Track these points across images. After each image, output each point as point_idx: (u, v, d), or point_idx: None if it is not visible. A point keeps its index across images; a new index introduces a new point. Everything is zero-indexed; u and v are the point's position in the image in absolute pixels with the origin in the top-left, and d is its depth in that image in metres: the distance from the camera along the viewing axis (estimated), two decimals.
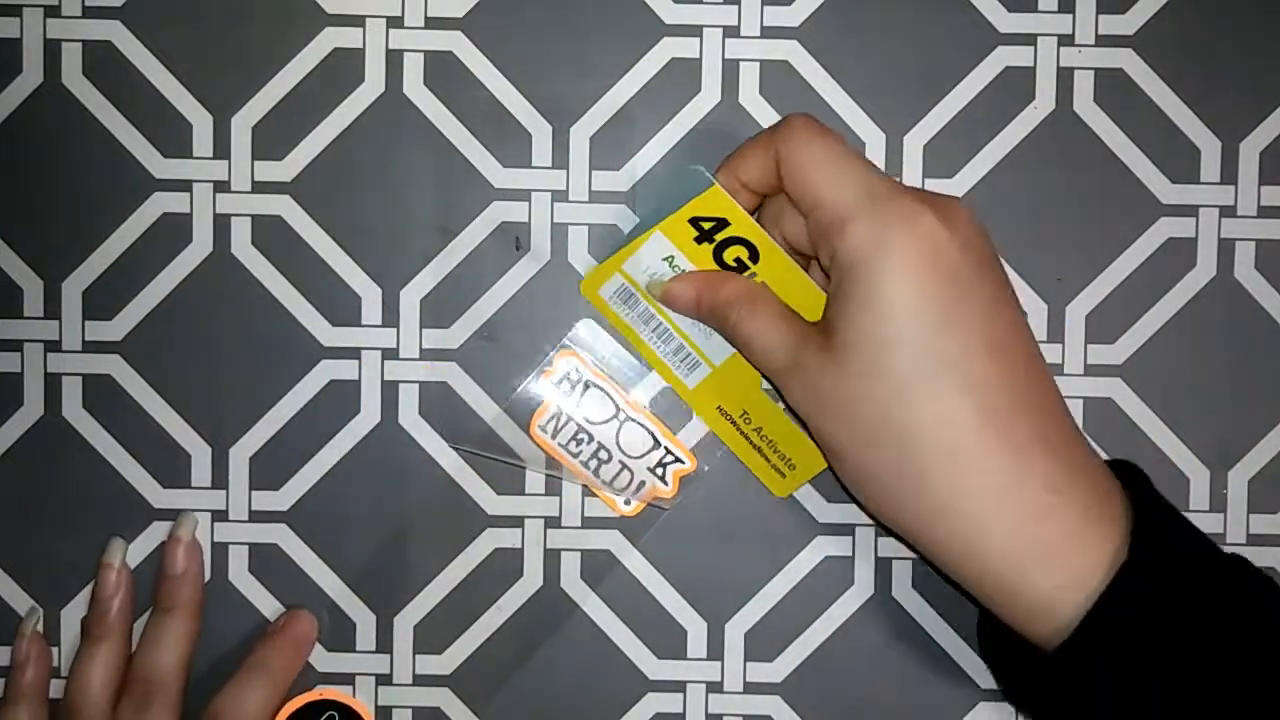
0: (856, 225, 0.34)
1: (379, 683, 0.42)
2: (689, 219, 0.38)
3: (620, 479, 0.41)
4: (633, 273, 0.40)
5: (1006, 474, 0.33)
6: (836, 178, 0.35)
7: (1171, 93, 0.42)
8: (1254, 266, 0.42)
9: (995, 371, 0.33)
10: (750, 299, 0.37)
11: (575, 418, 0.41)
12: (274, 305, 0.42)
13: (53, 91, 0.41)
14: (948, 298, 0.33)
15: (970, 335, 0.34)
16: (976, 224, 0.35)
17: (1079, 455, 0.34)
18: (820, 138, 0.36)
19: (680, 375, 0.41)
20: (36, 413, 0.42)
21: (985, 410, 0.33)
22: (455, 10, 0.41)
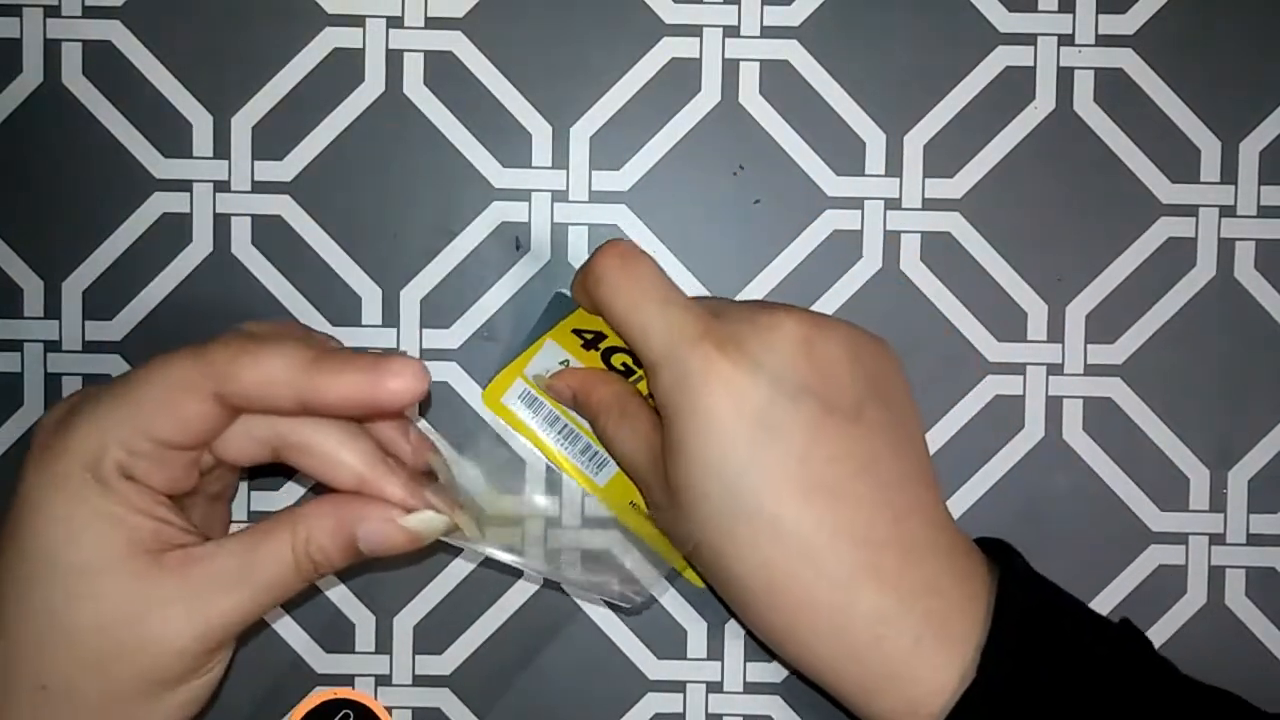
0: (661, 375, 0.34)
1: (379, 683, 0.42)
2: (571, 330, 0.39)
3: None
4: (532, 376, 0.40)
5: (830, 611, 0.33)
6: (638, 328, 0.34)
7: (1171, 93, 0.42)
8: (1254, 266, 0.42)
9: (811, 512, 0.33)
10: (620, 409, 0.37)
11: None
12: (274, 305, 0.42)
13: (53, 91, 0.41)
14: (750, 443, 0.33)
15: (777, 480, 0.33)
16: (799, 347, 0.34)
17: (927, 571, 0.34)
18: (619, 283, 0.35)
19: (589, 474, 0.40)
20: (36, 413, 0.42)
21: (801, 554, 0.33)
22: (455, 10, 0.41)
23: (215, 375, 0.31)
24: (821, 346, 0.34)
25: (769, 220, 0.42)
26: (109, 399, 0.32)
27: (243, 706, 0.41)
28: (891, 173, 0.42)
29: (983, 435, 0.42)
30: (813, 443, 0.33)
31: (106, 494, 0.31)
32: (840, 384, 0.34)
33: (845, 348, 0.34)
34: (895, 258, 0.42)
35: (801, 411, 0.33)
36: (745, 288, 0.42)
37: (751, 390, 0.33)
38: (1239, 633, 0.42)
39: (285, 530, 0.32)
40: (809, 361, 0.34)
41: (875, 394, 0.35)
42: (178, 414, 0.32)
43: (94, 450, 0.32)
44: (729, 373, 0.33)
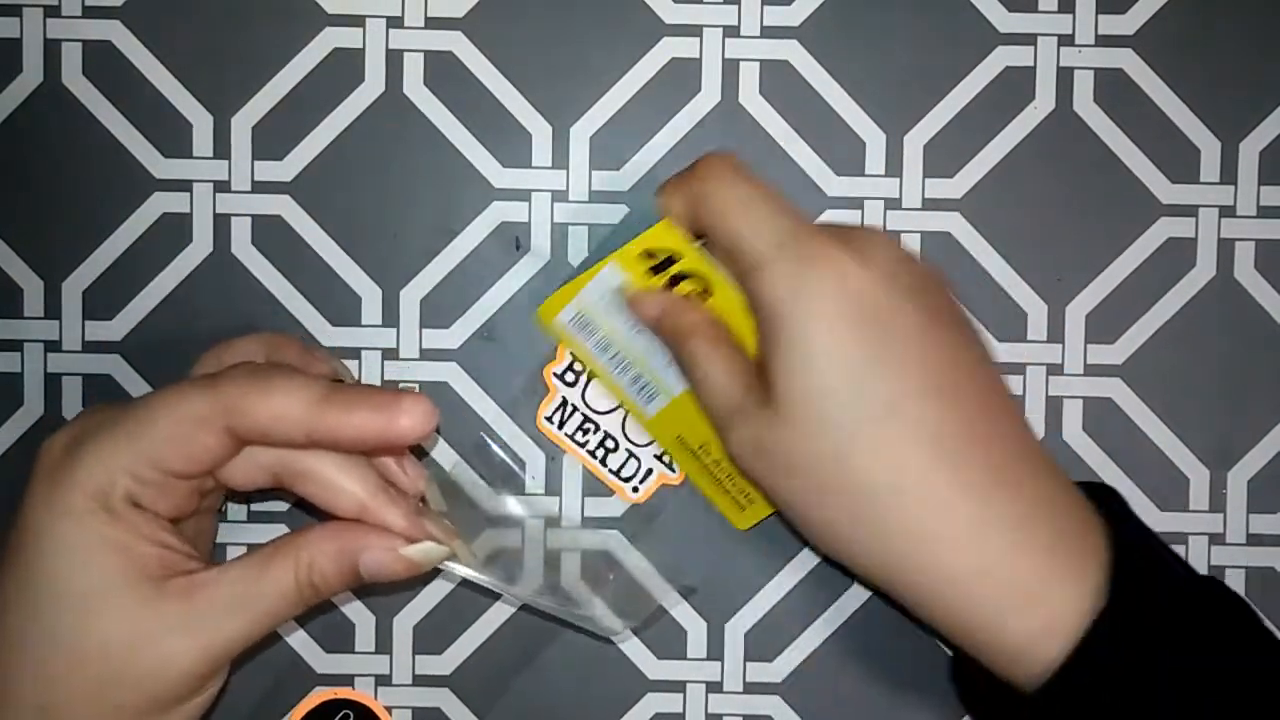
0: (770, 273, 0.33)
1: (378, 683, 0.42)
2: (641, 251, 0.37)
3: (627, 467, 0.41)
4: (589, 301, 0.39)
5: (965, 517, 0.32)
6: (748, 223, 0.34)
7: (1171, 93, 0.42)
8: (1254, 266, 0.42)
9: (937, 411, 0.32)
10: (712, 335, 0.36)
11: (581, 408, 0.41)
12: (274, 305, 0.42)
13: (53, 91, 0.41)
14: (871, 340, 0.32)
15: (904, 376, 0.32)
16: (901, 255, 0.34)
17: (1045, 488, 0.33)
18: (732, 180, 0.35)
19: (639, 405, 0.40)
20: (36, 413, 0.42)
21: (934, 453, 0.32)
22: (455, 10, 0.41)
23: (227, 410, 0.32)
24: (916, 263, 0.35)
25: None
26: (118, 429, 0.32)
27: (243, 706, 0.41)
28: (891, 173, 0.42)
29: None
30: (927, 342, 0.33)
31: (114, 522, 0.32)
32: (937, 296, 0.34)
33: (928, 269, 0.35)
34: None
35: (912, 311, 0.33)
36: None
37: (867, 285, 0.33)
38: None
39: (289, 557, 0.33)
40: (911, 270, 0.34)
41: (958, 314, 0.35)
42: (188, 447, 0.32)
43: (102, 480, 0.32)
44: (844, 267, 0.33)
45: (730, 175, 0.35)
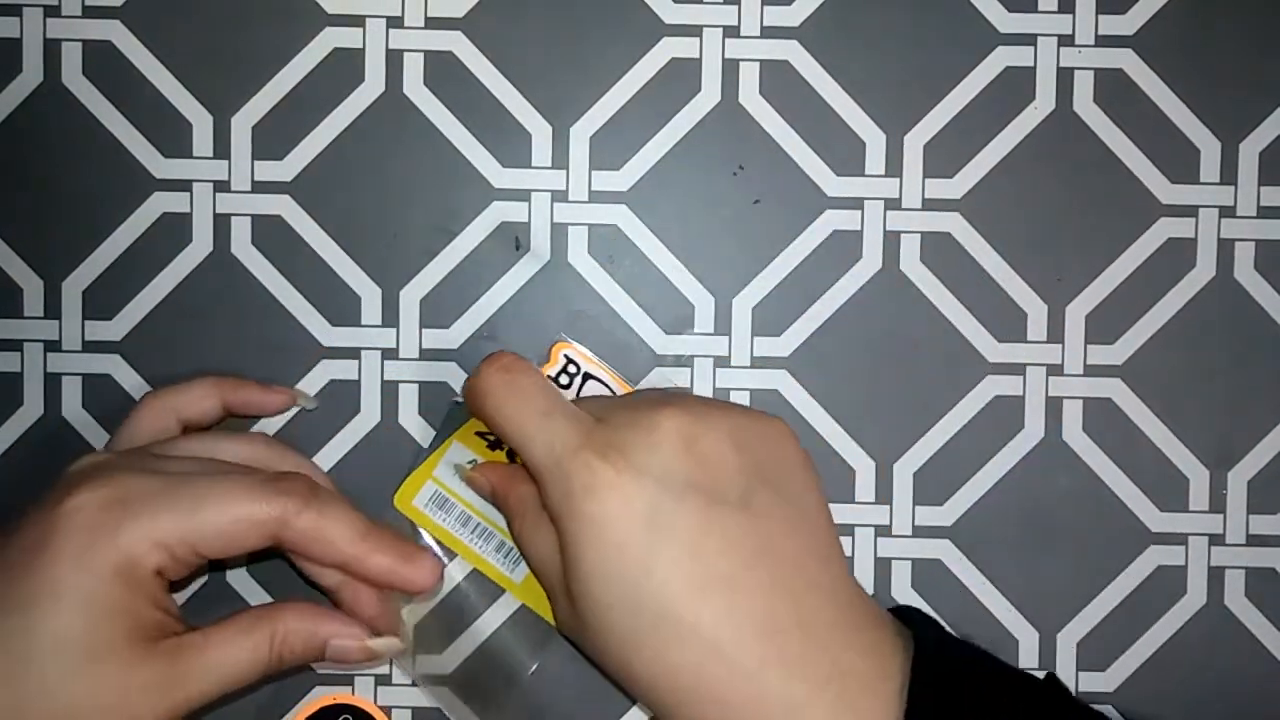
0: (547, 487, 0.34)
1: (379, 683, 0.42)
2: (474, 432, 0.40)
3: None
4: (442, 479, 0.40)
5: (743, 706, 0.33)
6: (522, 432, 0.35)
7: (1171, 93, 0.42)
8: (1254, 267, 0.42)
9: (711, 608, 0.33)
10: (535, 513, 0.36)
11: None
12: (274, 305, 0.42)
13: (53, 91, 0.41)
14: (643, 549, 0.33)
15: (674, 580, 0.33)
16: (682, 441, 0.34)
17: (832, 653, 0.33)
18: (507, 386, 0.36)
19: (505, 572, 0.40)
20: (36, 412, 0.42)
21: (708, 652, 0.33)
22: (455, 10, 0.41)
23: (282, 523, 0.34)
24: (704, 440, 0.34)
25: (769, 220, 0.42)
26: (170, 507, 0.34)
27: (243, 707, 0.41)
28: (891, 173, 0.42)
29: (983, 435, 0.42)
30: (703, 536, 0.33)
31: (133, 590, 0.33)
32: (726, 474, 0.34)
33: (728, 438, 0.34)
34: (895, 258, 0.42)
35: (688, 507, 0.33)
36: (745, 288, 0.42)
37: (636, 494, 0.33)
38: (1238, 633, 0.42)
39: (267, 630, 0.35)
40: (691, 457, 0.34)
41: (764, 479, 0.35)
42: (235, 542, 0.34)
43: (141, 551, 0.33)
44: (612, 479, 0.33)
45: (500, 392, 0.36)
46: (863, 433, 0.42)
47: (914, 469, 0.42)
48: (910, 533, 0.42)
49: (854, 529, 0.42)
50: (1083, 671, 0.42)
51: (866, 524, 0.42)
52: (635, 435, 0.34)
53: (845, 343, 0.42)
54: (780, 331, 0.42)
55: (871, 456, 0.42)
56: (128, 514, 0.33)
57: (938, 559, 0.42)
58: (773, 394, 0.42)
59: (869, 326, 0.42)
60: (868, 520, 0.42)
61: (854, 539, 0.42)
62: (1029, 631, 0.42)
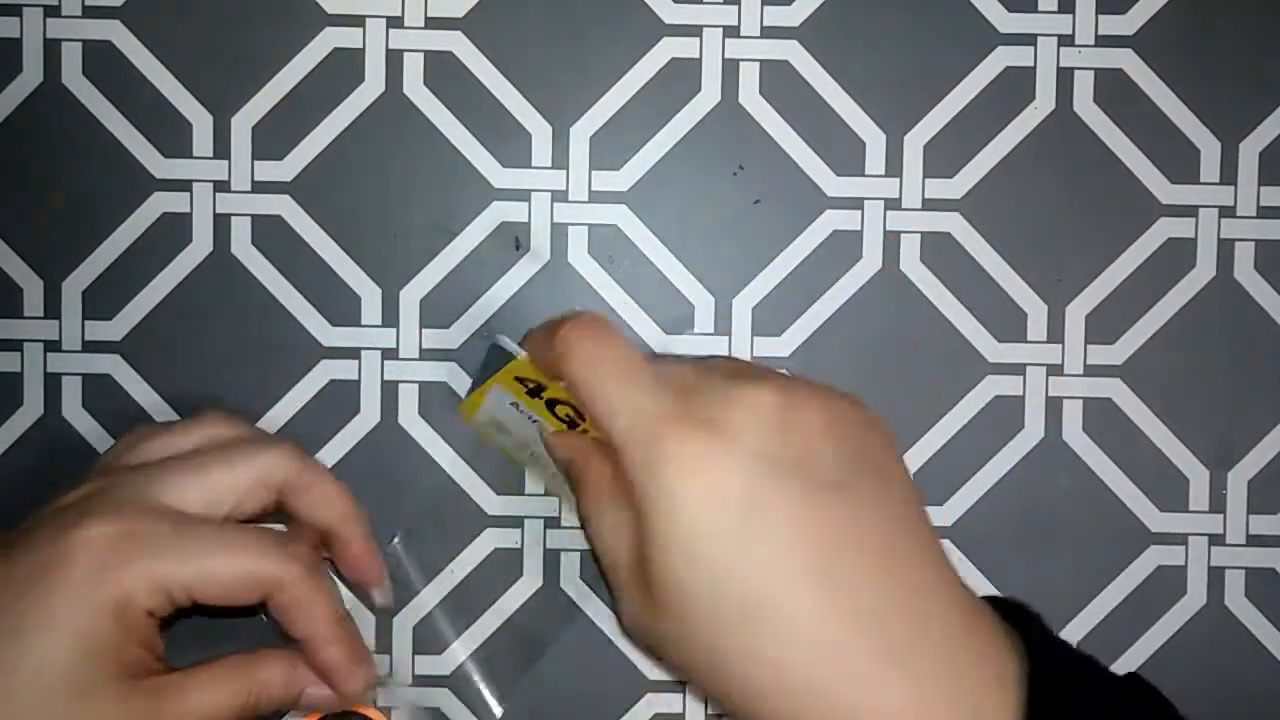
0: (626, 458, 0.32)
1: (378, 683, 0.42)
2: (515, 376, 0.37)
3: None
4: (494, 409, 0.39)
5: (850, 709, 0.30)
6: (601, 401, 0.32)
7: (1171, 93, 0.42)
8: (1254, 267, 0.42)
9: (815, 601, 0.30)
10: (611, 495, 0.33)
11: None
12: (274, 305, 0.42)
13: (53, 91, 0.41)
14: (738, 533, 0.30)
15: (773, 569, 0.30)
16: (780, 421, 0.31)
17: (946, 656, 0.31)
18: (593, 349, 0.33)
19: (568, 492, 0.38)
20: (36, 413, 0.42)
21: (812, 649, 0.30)
22: (455, 10, 0.42)
23: (279, 586, 0.35)
24: (800, 416, 0.32)
25: (769, 220, 0.42)
26: (178, 551, 0.34)
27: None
28: (891, 173, 0.42)
29: (983, 435, 0.42)
30: (805, 522, 0.31)
31: (126, 628, 0.33)
32: (824, 456, 0.32)
33: (825, 416, 0.32)
34: (895, 258, 0.42)
35: (789, 489, 0.31)
36: (745, 288, 0.42)
37: (731, 472, 0.31)
38: (1238, 634, 0.42)
39: (247, 677, 0.36)
40: (788, 434, 0.31)
41: (863, 465, 0.32)
42: (230, 594, 0.35)
43: (141, 592, 0.33)
44: (705, 453, 0.31)
45: (585, 347, 0.33)
46: None
47: (914, 469, 0.42)
48: None
49: None
50: None
51: None
52: (732, 409, 0.31)
53: (845, 343, 0.42)
54: (780, 331, 0.42)
55: None
56: (135, 552, 0.33)
57: None
58: None
59: (869, 326, 0.42)
60: None
61: None
62: None
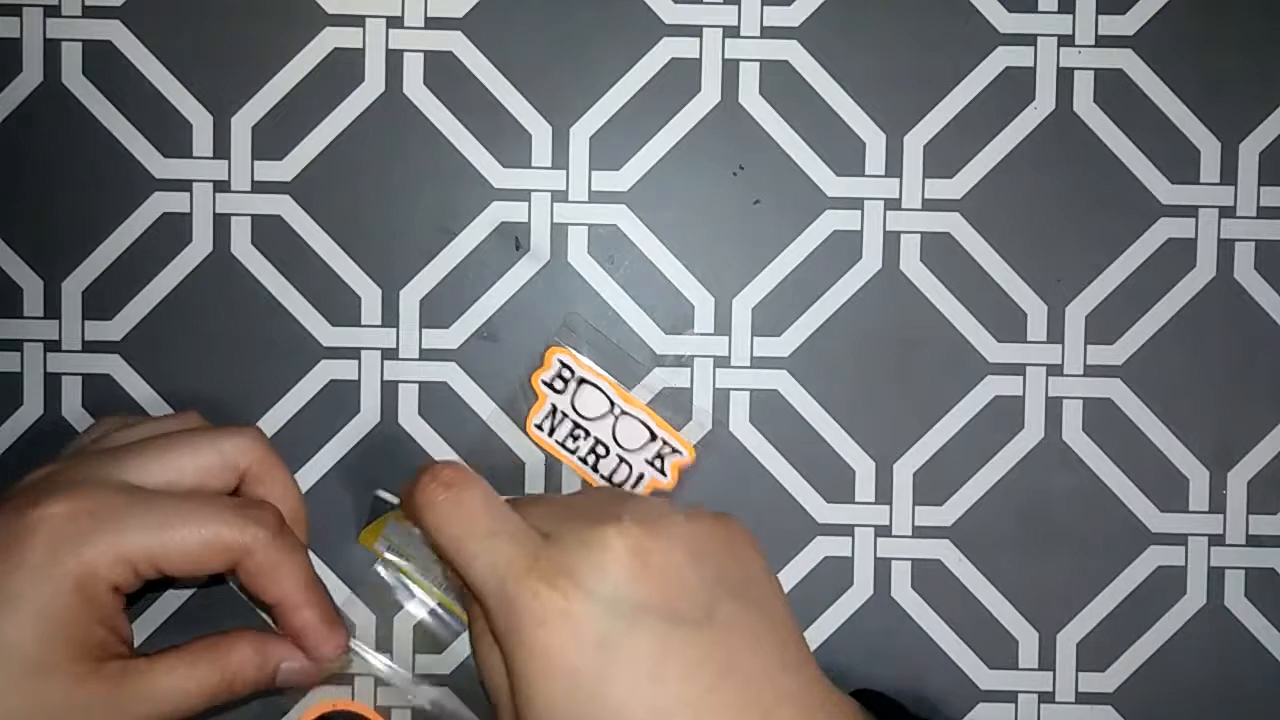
0: (493, 614, 0.32)
1: (379, 683, 0.42)
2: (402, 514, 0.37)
3: (619, 473, 0.41)
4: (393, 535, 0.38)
5: None
6: (462, 554, 0.33)
7: (1171, 93, 0.42)
8: (1254, 267, 0.42)
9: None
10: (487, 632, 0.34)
11: (570, 414, 0.41)
12: (274, 305, 0.42)
13: (53, 91, 0.41)
14: (597, 679, 0.31)
15: (632, 709, 0.31)
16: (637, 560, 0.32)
17: None
18: (447, 504, 0.33)
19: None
20: (36, 412, 0.42)
21: None
22: (455, 10, 0.42)
23: (247, 551, 0.34)
24: (657, 556, 0.32)
25: (769, 220, 0.42)
26: (138, 522, 0.33)
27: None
28: (891, 173, 0.42)
29: (983, 435, 0.42)
30: (662, 660, 0.31)
31: (89, 605, 0.33)
32: (684, 590, 0.32)
33: (684, 550, 0.32)
34: (895, 258, 0.42)
35: (644, 630, 0.31)
36: (745, 287, 0.42)
37: (587, 621, 0.31)
38: (1238, 634, 0.42)
39: (216, 662, 0.35)
40: (645, 576, 0.32)
41: (726, 590, 0.33)
42: (198, 563, 0.34)
43: (104, 565, 0.33)
44: (561, 607, 0.31)
45: (442, 508, 0.33)
46: (863, 433, 0.42)
47: (914, 469, 0.42)
48: (910, 533, 0.42)
49: (854, 529, 0.42)
50: (1083, 672, 0.42)
51: (866, 524, 0.42)
52: (585, 556, 0.32)
53: (845, 343, 0.42)
54: (780, 331, 0.42)
55: (871, 456, 0.42)
56: (95, 526, 0.33)
57: (938, 559, 0.42)
58: (773, 394, 0.42)
59: (869, 326, 0.42)
60: (868, 520, 0.42)
61: (854, 539, 0.42)
62: (1029, 631, 0.42)
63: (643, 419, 0.41)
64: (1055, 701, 0.42)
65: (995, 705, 0.42)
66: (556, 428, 0.41)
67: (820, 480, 0.42)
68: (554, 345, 0.41)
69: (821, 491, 0.42)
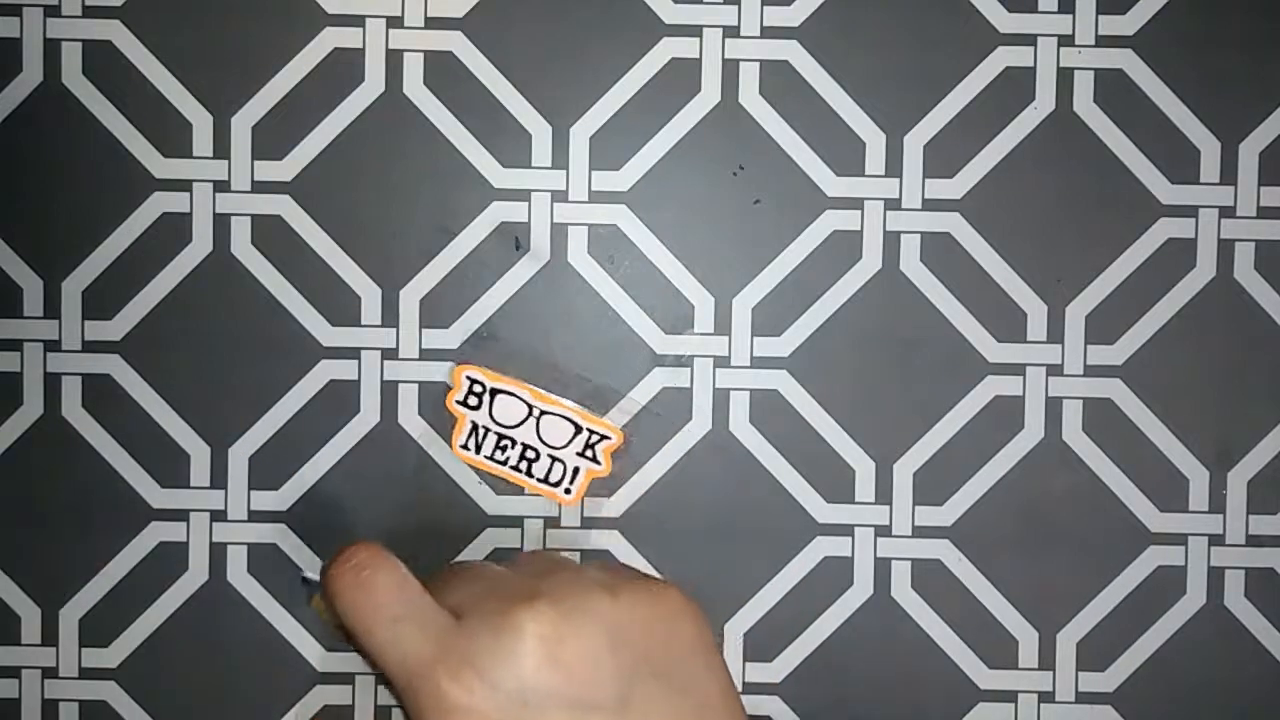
0: (399, 694, 0.32)
1: (379, 682, 0.42)
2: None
3: (554, 471, 0.41)
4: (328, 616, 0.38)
5: None
6: (372, 639, 0.33)
7: (1171, 93, 0.42)
8: (1254, 267, 0.42)
9: None
10: None
11: (492, 427, 0.41)
12: (274, 305, 0.42)
13: (53, 91, 0.41)
14: None
15: None
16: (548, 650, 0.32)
17: None
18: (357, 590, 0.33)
19: None
20: (36, 412, 0.42)
21: None
22: (455, 10, 0.41)
23: None
24: (571, 644, 0.32)
25: (769, 220, 0.42)
26: None
27: (243, 706, 0.41)
28: (891, 173, 0.42)
29: (983, 435, 0.42)
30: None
31: None
32: (596, 676, 0.32)
33: (602, 637, 0.32)
34: (895, 258, 0.42)
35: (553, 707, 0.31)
36: (745, 288, 0.42)
37: (491, 714, 0.31)
38: (1238, 634, 0.42)
39: None
40: (556, 665, 0.31)
41: (651, 672, 0.32)
42: None
43: None
44: (464, 702, 0.31)
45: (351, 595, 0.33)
46: (863, 433, 0.42)
47: (914, 469, 0.42)
48: (910, 533, 0.42)
49: (854, 529, 0.42)
50: (1082, 671, 0.42)
51: (866, 524, 0.42)
52: (492, 644, 0.32)
53: (845, 343, 0.42)
54: (780, 331, 0.42)
55: (871, 456, 0.42)
56: None
57: (938, 559, 0.42)
58: (773, 394, 0.42)
59: (869, 326, 0.42)
60: (868, 520, 0.42)
61: (854, 539, 0.42)
62: (1029, 631, 0.42)
63: (563, 414, 0.41)
64: (1055, 701, 0.42)
65: (995, 705, 0.42)
66: (482, 444, 0.41)
67: (820, 480, 0.42)
68: (460, 365, 0.41)
69: (821, 491, 0.42)
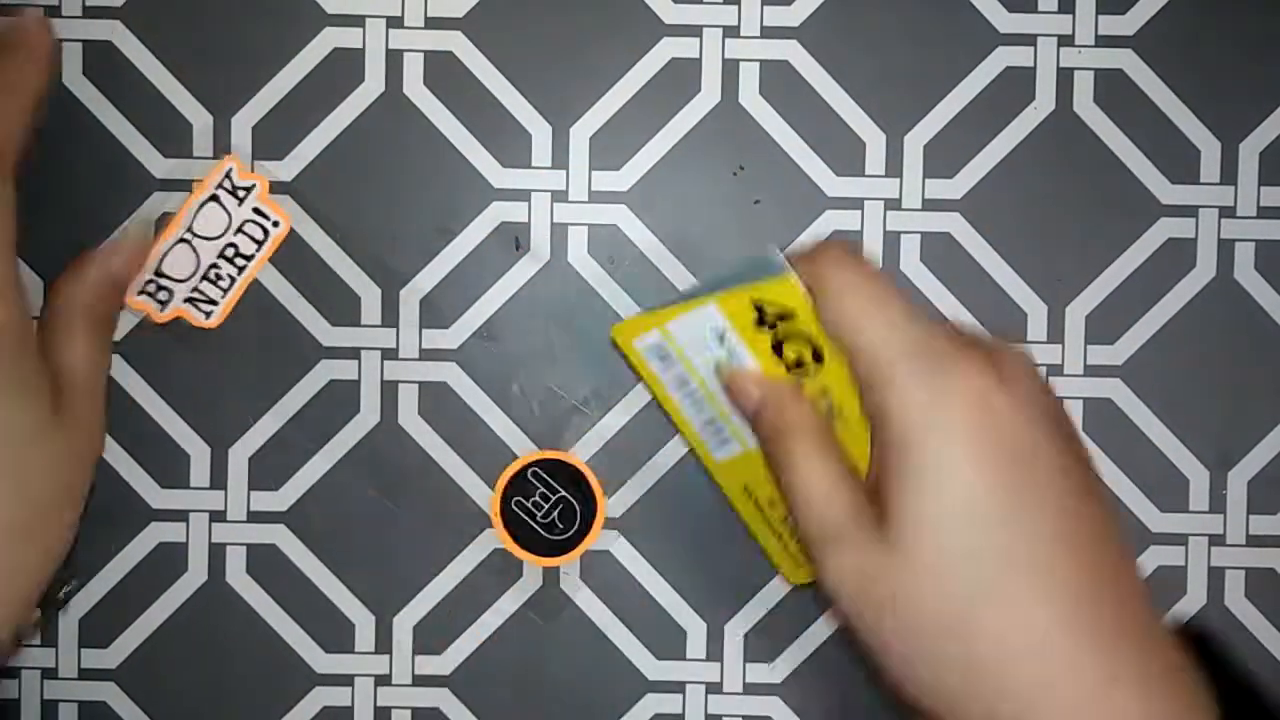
0: (900, 384, 0.29)
1: (378, 683, 0.42)
2: (752, 300, 0.33)
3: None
4: (676, 335, 0.35)
5: (1096, 675, 0.29)
6: (879, 327, 0.30)
7: (1171, 93, 0.42)
8: (1254, 267, 0.42)
9: (1073, 566, 0.29)
10: (816, 440, 0.31)
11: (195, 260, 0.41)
12: (274, 304, 0.42)
13: (54, 91, 0.41)
14: (1012, 484, 0.29)
15: (1040, 527, 0.29)
16: (1037, 379, 0.31)
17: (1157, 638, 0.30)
18: (859, 276, 0.31)
19: (708, 446, 0.37)
20: None
21: (1066, 611, 0.29)
22: (455, 10, 0.42)
23: None
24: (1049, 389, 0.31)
25: (769, 220, 0.42)
26: None
27: (243, 706, 0.41)
28: (891, 173, 0.42)
29: None
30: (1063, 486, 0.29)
31: None
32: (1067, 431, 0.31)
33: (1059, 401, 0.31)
34: (895, 258, 0.42)
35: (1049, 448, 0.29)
36: None
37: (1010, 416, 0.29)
38: (1239, 634, 0.42)
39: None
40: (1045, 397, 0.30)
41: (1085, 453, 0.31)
42: None
43: None
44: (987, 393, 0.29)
45: (857, 270, 0.31)
46: None
47: None
48: None
49: None
50: None
51: None
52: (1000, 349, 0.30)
53: None
54: None
55: None
56: None
57: None
58: None
59: None
60: None
61: None
62: None
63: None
64: None
65: None
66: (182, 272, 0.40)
67: None
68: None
69: None
